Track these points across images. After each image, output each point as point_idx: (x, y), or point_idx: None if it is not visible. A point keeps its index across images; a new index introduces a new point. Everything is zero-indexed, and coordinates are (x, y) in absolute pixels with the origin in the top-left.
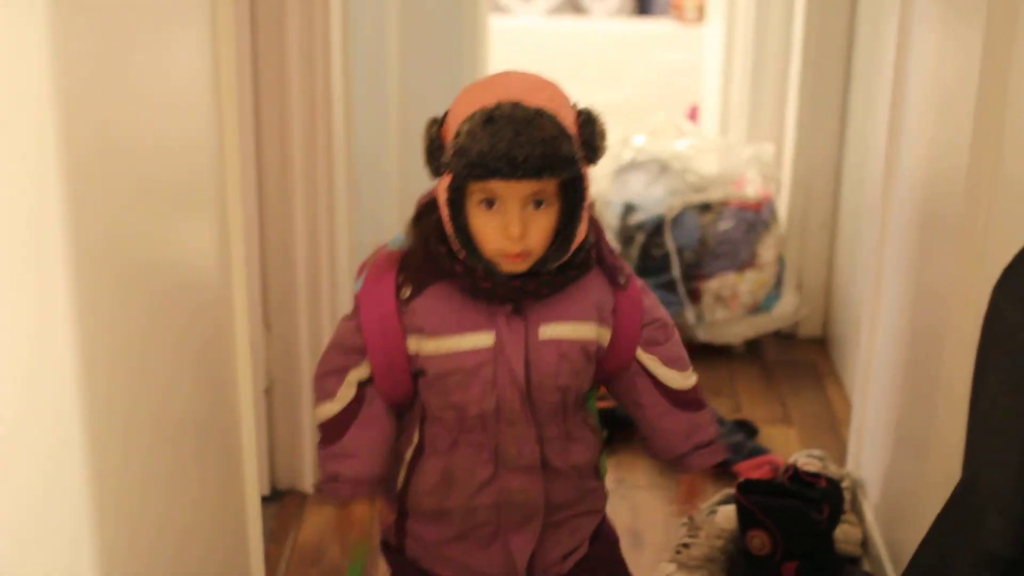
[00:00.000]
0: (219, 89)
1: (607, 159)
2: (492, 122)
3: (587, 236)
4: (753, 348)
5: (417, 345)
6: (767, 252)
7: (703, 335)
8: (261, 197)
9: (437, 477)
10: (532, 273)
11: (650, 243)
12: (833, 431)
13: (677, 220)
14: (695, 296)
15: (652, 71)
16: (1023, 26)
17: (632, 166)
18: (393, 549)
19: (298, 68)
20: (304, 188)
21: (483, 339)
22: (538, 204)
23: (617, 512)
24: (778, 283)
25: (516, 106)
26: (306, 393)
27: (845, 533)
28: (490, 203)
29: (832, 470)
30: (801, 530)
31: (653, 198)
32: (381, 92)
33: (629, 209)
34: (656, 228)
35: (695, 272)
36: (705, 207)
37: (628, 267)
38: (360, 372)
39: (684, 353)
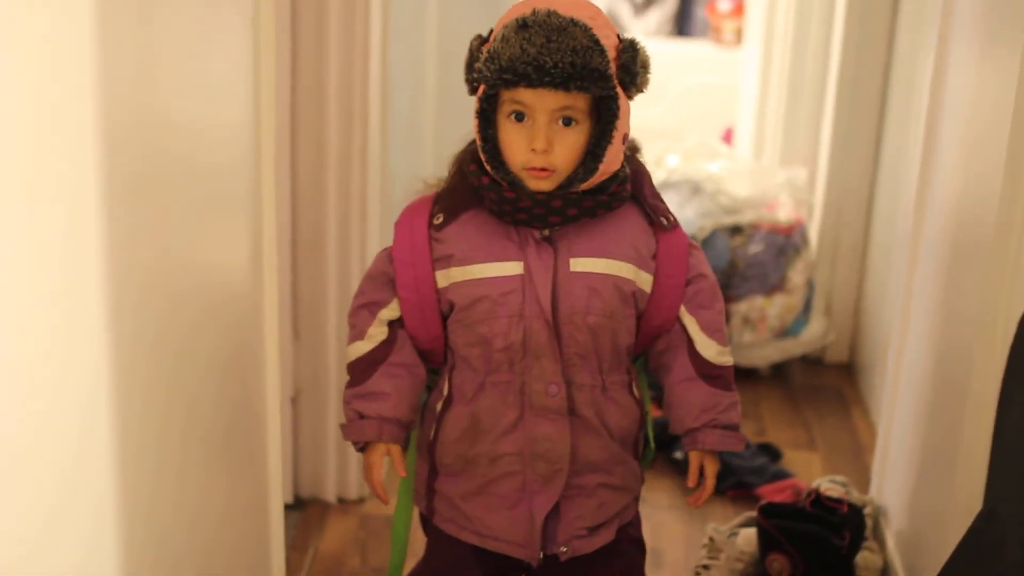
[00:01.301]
0: (258, 103)
1: None
2: (525, 27)
3: (622, 168)
4: (779, 372)
5: (446, 277)
6: (797, 276)
7: None
8: (294, 205)
9: (465, 423)
10: (560, 193)
11: None
12: (857, 457)
13: (708, 242)
14: None
15: (689, 92)
16: None
17: (665, 186)
18: (425, 519)
19: (336, 66)
20: (337, 199)
21: (511, 267)
22: (567, 122)
23: None
24: (806, 308)
25: (552, 14)
26: (333, 403)
27: (865, 560)
28: (519, 116)
29: (854, 496)
30: (821, 555)
31: (684, 219)
32: (417, 98)
33: None
34: None
35: (724, 294)
36: (736, 229)
37: (674, 217)
38: (391, 311)
39: (725, 328)
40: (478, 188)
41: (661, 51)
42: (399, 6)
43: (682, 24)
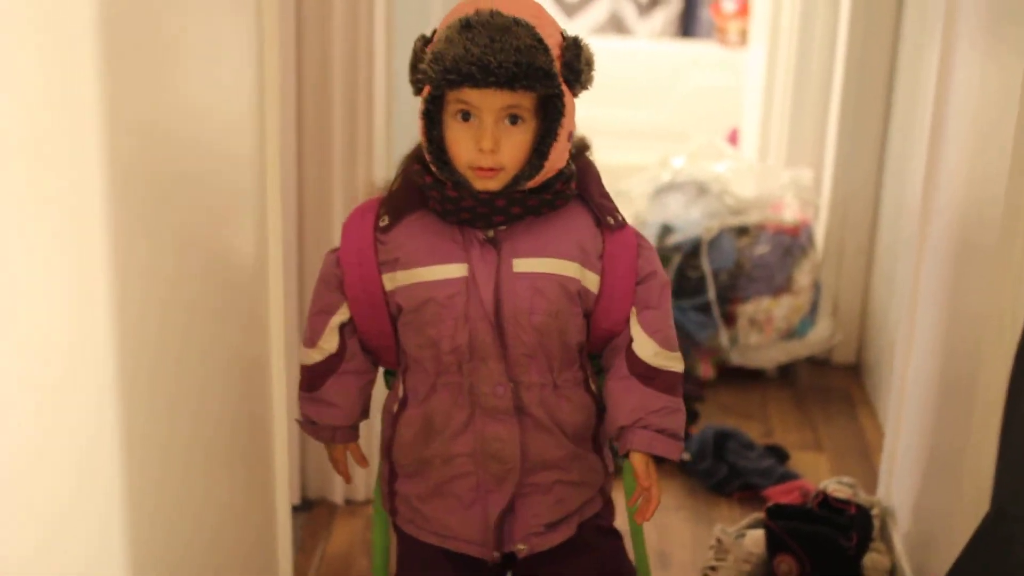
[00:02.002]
0: (263, 99)
1: (646, 180)
2: (469, 28)
3: (567, 166)
4: (786, 373)
5: (392, 280)
6: (803, 277)
7: (736, 359)
8: (300, 206)
9: (418, 425)
10: (504, 192)
11: (686, 265)
12: (864, 459)
13: (714, 242)
14: (730, 319)
15: (694, 93)
16: None
17: (670, 187)
18: (391, 518)
19: (341, 63)
20: (343, 202)
21: (455, 270)
22: (514, 120)
23: (645, 533)
24: (813, 309)
25: (494, 13)
26: None
27: (873, 561)
28: (466, 116)
29: (862, 497)
30: (829, 556)
31: (690, 220)
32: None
33: (666, 230)
34: (693, 250)
35: (730, 295)
36: (742, 230)
37: (622, 216)
38: (342, 315)
39: (671, 331)
40: (422, 188)
41: (666, 52)
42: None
43: (687, 25)
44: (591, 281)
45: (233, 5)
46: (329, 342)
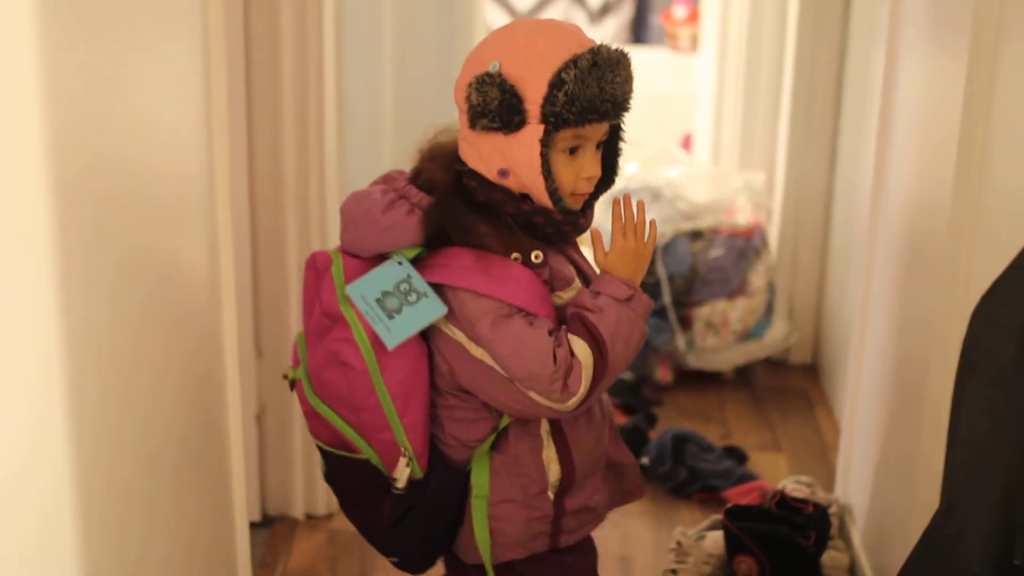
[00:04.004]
0: (210, 115)
1: None
2: (598, 67)
3: None
4: (743, 375)
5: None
6: (758, 279)
7: (693, 362)
8: (253, 221)
9: (583, 426)
10: (582, 209)
11: None
12: (822, 457)
13: (668, 247)
14: (686, 323)
15: (646, 99)
16: (1004, 62)
17: (624, 193)
18: (537, 557)
19: (290, 77)
20: (296, 215)
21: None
22: (598, 146)
23: (607, 538)
24: (768, 310)
25: (609, 48)
26: (298, 420)
27: (832, 559)
28: (573, 150)
29: (820, 496)
30: (788, 556)
31: None
32: (376, 101)
33: None
34: None
35: (686, 299)
36: (696, 234)
37: None
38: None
39: None
40: (531, 225)
41: None
42: (353, 16)
43: (638, 31)
44: None
45: (178, 25)
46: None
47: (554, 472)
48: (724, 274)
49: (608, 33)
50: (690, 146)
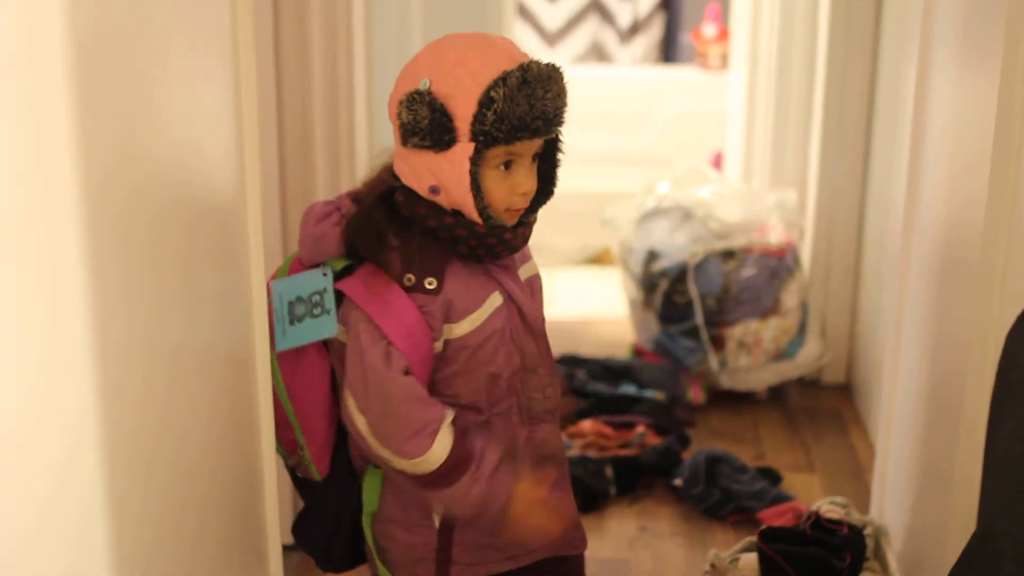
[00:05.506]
0: (241, 140)
1: (632, 207)
2: (527, 84)
3: None
4: (776, 395)
5: (450, 332)
6: (790, 299)
7: (726, 382)
8: (284, 240)
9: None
10: (518, 224)
11: (673, 290)
12: (857, 478)
13: (700, 267)
14: (718, 343)
15: (677, 118)
16: None
17: (655, 213)
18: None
19: (321, 88)
20: None
21: (496, 299)
22: (534, 159)
23: (640, 560)
24: (801, 330)
25: (539, 64)
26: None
27: None
28: (507, 164)
29: (855, 517)
30: None
31: (676, 245)
32: None
33: (652, 256)
34: (679, 275)
35: (718, 319)
36: (728, 254)
37: None
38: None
39: None
40: (457, 240)
41: (648, 78)
42: (382, 18)
43: (668, 51)
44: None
45: (207, 32)
46: (448, 415)
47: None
48: (756, 293)
49: (638, 53)
50: (721, 165)
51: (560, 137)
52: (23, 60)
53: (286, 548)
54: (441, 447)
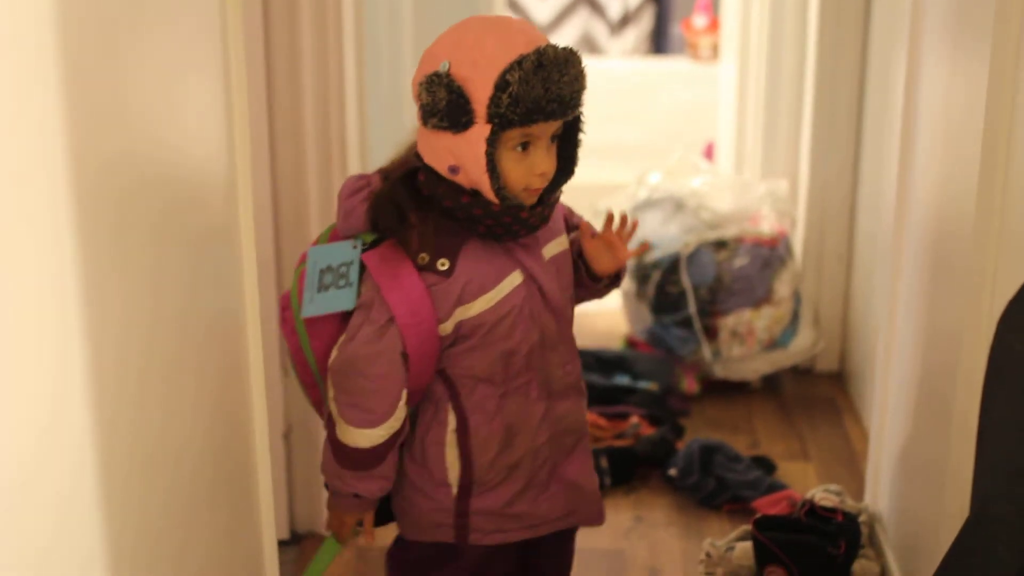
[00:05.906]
0: (232, 144)
1: (624, 198)
2: (543, 68)
3: None
4: (770, 384)
5: (464, 312)
6: (783, 288)
7: (720, 371)
8: (277, 244)
9: (499, 437)
10: (539, 203)
11: (666, 281)
12: (851, 466)
13: (693, 257)
14: (711, 333)
15: (668, 109)
16: None
17: (647, 204)
18: (451, 547)
19: (311, 89)
20: (321, 226)
21: (515, 278)
22: (553, 139)
23: (636, 550)
24: (794, 318)
25: (555, 48)
26: (324, 437)
27: (863, 568)
28: (524, 146)
29: (849, 505)
30: (818, 565)
31: (668, 236)
32: (396, 99)
33: None
34: (672, 266)
35: (711, 309)
36: (720, 244)
37: None
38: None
39: None
40: (472, 219)
41: (639, 70)
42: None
43: (659, 42)
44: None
45: (197, 28)
46: (400, 418)
47: (454, 470)
48: (749, 283)
49: (629, 45)
50: (712, 155)
51: (581, 118)
52: (11, 56)
53: (281, 543)
54: (363, 438)
